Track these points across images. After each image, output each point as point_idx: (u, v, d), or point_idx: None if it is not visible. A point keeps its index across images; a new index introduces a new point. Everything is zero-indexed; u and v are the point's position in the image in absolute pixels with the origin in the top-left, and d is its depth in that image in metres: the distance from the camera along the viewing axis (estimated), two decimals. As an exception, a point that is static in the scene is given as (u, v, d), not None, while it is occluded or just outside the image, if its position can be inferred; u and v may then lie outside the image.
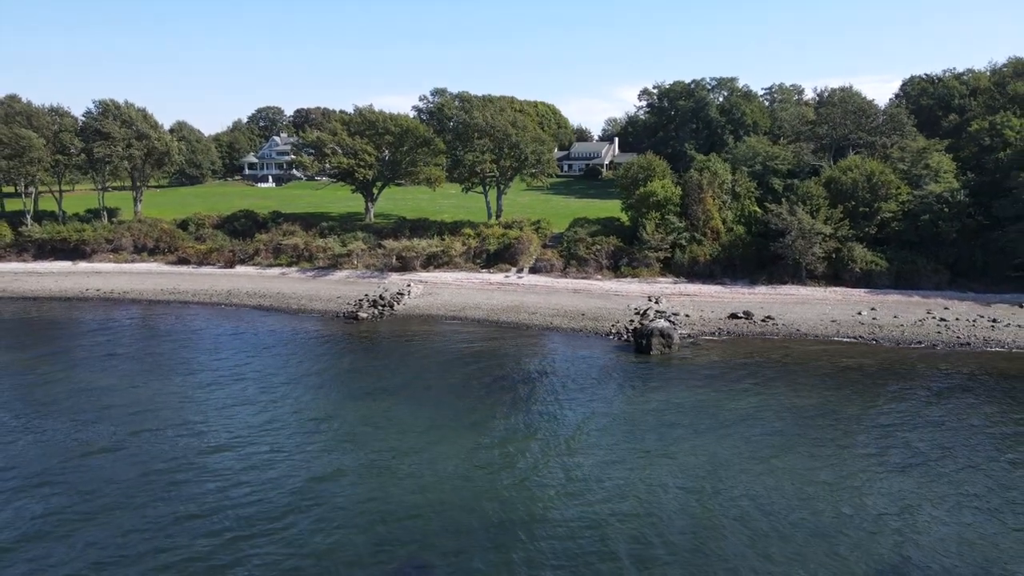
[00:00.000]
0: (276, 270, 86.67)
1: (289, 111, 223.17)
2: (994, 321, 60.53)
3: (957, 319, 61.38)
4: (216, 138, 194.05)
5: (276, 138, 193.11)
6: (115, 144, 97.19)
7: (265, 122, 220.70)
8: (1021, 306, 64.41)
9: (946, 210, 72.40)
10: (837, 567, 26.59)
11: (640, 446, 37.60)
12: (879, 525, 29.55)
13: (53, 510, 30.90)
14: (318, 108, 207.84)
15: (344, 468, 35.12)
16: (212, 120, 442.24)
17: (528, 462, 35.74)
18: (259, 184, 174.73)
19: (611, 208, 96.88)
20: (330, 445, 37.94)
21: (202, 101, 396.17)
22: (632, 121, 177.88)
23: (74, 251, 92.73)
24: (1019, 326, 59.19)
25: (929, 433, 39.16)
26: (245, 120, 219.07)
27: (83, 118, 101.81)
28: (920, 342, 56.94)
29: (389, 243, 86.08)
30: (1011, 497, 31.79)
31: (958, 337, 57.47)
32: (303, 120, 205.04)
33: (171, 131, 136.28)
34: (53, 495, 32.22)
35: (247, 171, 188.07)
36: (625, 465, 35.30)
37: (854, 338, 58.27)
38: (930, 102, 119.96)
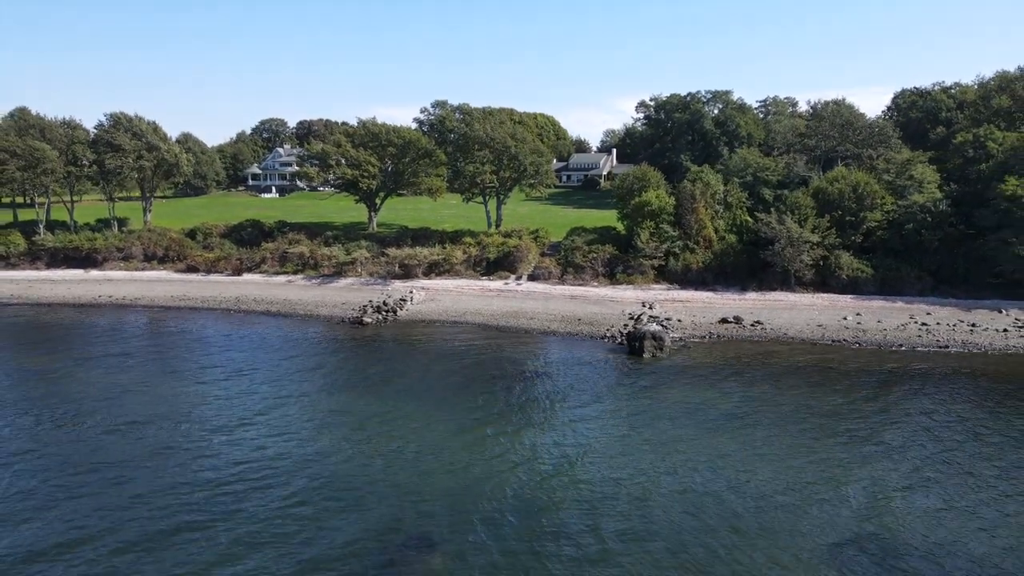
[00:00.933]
0: (282, 277, 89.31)
1: (292, 123, 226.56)
2: (973, 325, 63.12)
3: (938, 323, 63.99)
4: (220, 149, 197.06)
5: (279, 149, 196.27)
6: (126, 155, 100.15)
7: (268, 134, 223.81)
8: (1000, 311, 67.07)
9: (929, 219, 75.22)
10: (797, 538, 29.29)
11: (623, 435, 40.43)
12: (838, 503, 32.28)
13: (80, 482, 34.08)
14: (320, 120, 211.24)
15: (351, 453, 37.86)
16: (216, 132, 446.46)
17: (521, 450, 38.42)
18: (263, 195, 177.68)
19: (608, 218, 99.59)
20: (338, 433, 40.65)
21: (206, 113, 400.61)
22: (630, 133, 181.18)
23: (86, 259, 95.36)
24: (997, 330, 61.78)
25: (895, 423, 42.11)
26: (249, 132, 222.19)
27: (95, 130, 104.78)
28: (901, 345, 59.52)
29: (392, 251, 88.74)
30: (965, 481, 34.45)
31: (938, 340, 60.06)
32: (306, 132, 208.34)
33: (177, 142, 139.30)
34: (79, 472, 35.28)
35: (251, 182, 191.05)
36: (609, 452, 38.09)
37: (839, 341, 60.86)
38: (919, 115, 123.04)
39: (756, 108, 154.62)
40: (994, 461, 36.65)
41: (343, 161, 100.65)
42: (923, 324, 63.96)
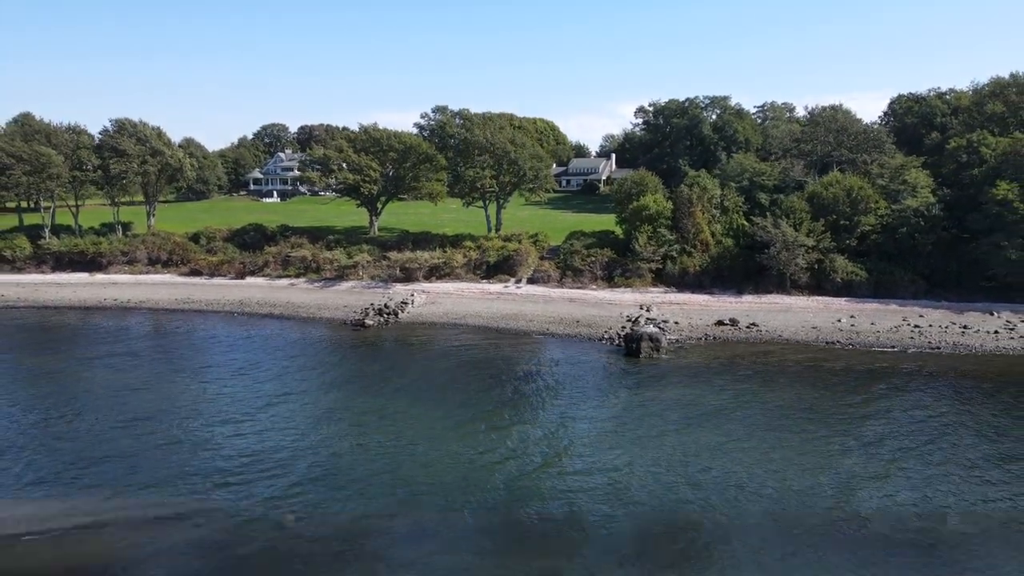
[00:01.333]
0: (285, 281, 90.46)
1: (293, 128, 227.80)
2: (965, 327, 64.18)
3: (930, 326, 65.08)
4: (222, 154, 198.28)
5: (281, 154, 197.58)
6: (130, 160, 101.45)
7: (270, 139, 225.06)
8: (991, 314, 68.17)
9: (922, 223, 76.41)
10: (775, 526, 30.61)
11: (615, 431, 41.63)
12: (815, 493, 33.47)
13: (91, 472, 35.55)
14: (322, 125, 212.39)
15: (351, 446, 39.17)
16: (218, 136, 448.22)
17: (516, 445, 39.61)
18: (264, 199, 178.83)
19: (607, 222, 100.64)
20: (341, 429, 41.84)
21: (207, 118, 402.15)
22: (629, 138, 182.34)
23: (91, 263, 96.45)
24: (988, 332, 62.83)
25: (877, 419, 43.61)
26: (250, 136, 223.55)
27: (99, 136, 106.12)
28: (893, 346, 60.60)
29: (393, 255, 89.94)
30: (938, 471, 35.76)
31: (929, 342, 61.12)
32: (307, 137, 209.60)
33: (180, 147, 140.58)
34: (90, 463, 36.62)
35: (252, 186, 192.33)
36: (599, 446, 39.36)
37: (832, 343, 61.91)
38: (914, 120, 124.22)
39: (754, 113, 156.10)
40: (967, 454, 37.95)
41: (344, 166, 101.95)
42: (916, 326, 65.03)
